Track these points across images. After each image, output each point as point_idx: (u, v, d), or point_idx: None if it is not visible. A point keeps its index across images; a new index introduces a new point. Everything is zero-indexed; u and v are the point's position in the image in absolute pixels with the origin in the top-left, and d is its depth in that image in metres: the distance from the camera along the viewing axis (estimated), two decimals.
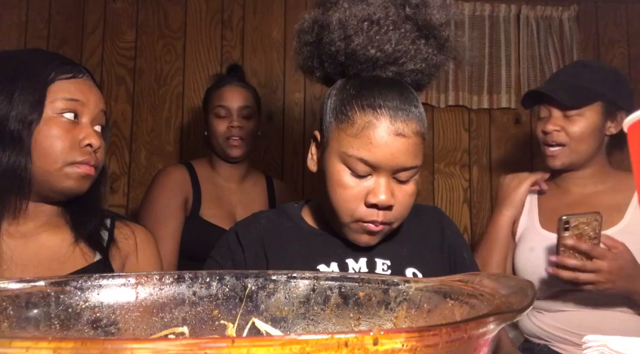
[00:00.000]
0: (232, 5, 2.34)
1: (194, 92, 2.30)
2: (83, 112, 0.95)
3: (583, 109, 1.39)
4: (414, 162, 0.87)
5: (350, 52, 0.89)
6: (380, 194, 0.85)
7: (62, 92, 0.93)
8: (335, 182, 0.88)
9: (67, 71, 0.95)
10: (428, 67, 0.94)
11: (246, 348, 0.23)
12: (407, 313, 0.46)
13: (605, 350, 0.62)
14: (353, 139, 0.86)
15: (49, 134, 0.90)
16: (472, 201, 2.34)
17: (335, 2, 0.91)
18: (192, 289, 0.49)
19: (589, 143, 1.40)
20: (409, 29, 0.89)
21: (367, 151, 0.84)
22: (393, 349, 0.25)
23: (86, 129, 0.94)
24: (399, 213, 0.89)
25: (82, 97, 0.95)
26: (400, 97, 0.87)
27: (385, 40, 0.88)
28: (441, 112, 2.38)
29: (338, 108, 0.90)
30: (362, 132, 0.85)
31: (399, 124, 0.85)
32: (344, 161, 0.87)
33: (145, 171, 2.25)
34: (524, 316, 1.36)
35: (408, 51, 0.89)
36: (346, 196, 0.87)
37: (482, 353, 0.30)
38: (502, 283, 0.39)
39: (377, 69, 0.91)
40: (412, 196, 0.90)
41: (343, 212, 0.89)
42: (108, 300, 0.46)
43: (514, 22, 2.38)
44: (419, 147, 0.88)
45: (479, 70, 2.36)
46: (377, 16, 0.88)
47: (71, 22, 2.27)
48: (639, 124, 0.42)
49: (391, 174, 0.87)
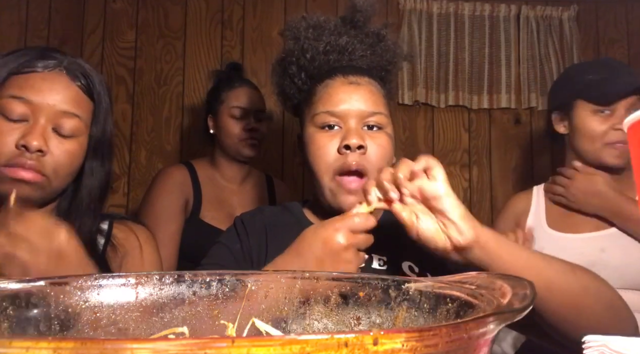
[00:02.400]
0: (232, 5, 2.34)
1: (194, 92, 2.30)
2: (35, 111, 0.87)
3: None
4: (374, 107, 0.94)
5: (307, 56, 1.00)
6: (350, 137, 0.90)
7: (12, 88, 0.87)
8: (312, 147, 0.95)
9: (30, 65, 0.88)
10: (375, 57, 1.03)
11: (246, 348, 0.23)
12: (407, 313, 0.46)
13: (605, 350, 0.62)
14: (317, 103, 0.96)
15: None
16: (472, 201, 2.34)
17: (291, 29, 1.04)
18: (192, 289, 0.49)
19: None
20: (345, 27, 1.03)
21: (329, 103, 0.94)
22: (393, 349, 0.25)
23: (29, 129, 0.86)
24: (374, 159, 0.92)
25: (33, 95, 0.86)
26: (352, 66, 0.99)
27: (328, 35, 1.01)
28: (441, 112, 2.38)
29: (306, 94, 1.01)
30: (322, 92, 0.96)
31: (352, 77, 0.96)
32: (314, 123, 0.95)
33: (145, 171, 2.25)
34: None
35: (350, 42, 1.01)
36: (322, 151, 0.93)
37: (482, 353, 0.30)
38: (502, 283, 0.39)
39: (332, 60, 1.00)
40: (385, 148, 0.94)
41: (322, 171, 0.93)
42: (108, 300, 0.46)
43: (514, 22, 2.38)
44: (377, 96, 0.97)
45: (479, 70, 2.36)
46: (320, 23, 1.03)
47: (71, 22, 2.27)
48: (639, 124, 0.42)
49: (359, 123, 0.93)
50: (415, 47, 2.33)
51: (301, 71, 1.03)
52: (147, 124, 2.27)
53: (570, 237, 1.37)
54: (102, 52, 2.28)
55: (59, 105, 0.89)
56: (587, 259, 1.30)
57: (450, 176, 2.35)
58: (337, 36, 1.01)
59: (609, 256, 1.29)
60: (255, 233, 0.99)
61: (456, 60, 2.35)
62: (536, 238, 1.42)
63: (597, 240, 1.32)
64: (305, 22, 1.03)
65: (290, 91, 1.06)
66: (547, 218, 1.45)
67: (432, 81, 2.34)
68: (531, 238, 1.35)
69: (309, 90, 1.01)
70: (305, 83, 1.04)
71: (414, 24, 2.34)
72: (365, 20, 1.03)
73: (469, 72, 2.35)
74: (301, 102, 1.04)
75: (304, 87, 1.04)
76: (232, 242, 0.99)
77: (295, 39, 1.03)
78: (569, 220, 1.41)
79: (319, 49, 1.00)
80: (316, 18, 1.04)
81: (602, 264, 1.29)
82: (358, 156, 0.90)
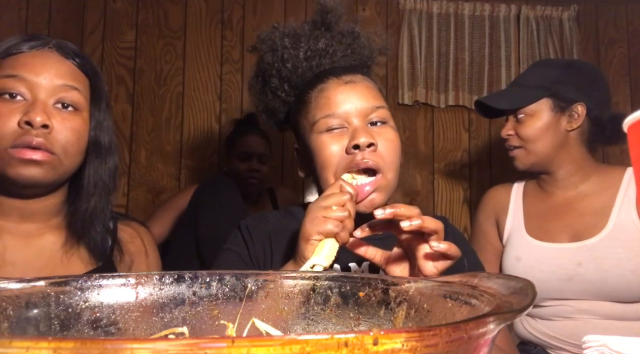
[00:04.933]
0: (232, 5, 2.34)
1: (194, 92, 2.30)
2: (33, 88, 0.84)
3: (529, 108, 1.36)
4: (375, 102, 0.93)
5: (288, 66, 0.99)
6: (359, 136, 0.88)
7: (4, 69, 0.84)
8: (319, 152, 0.92)
9: (18, 47, 0.85)
10: (355, 55, 1.03)
11: (246, 348, 0.23)
12: (407, 313, 0.46)
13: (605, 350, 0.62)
14: (315, 110, 0.93)
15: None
16: (472, 201, 2.34)
17: (265, 41, 1.02)
18: (192, 289, 0.49)
19: (544, 142, 1.36)
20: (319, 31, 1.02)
21: (328, 106, 0.92)
22: (393, 349, 0.25)
23: (32, 106, 0.83)
24: (385, 155, 0.90)
25: (26, 72, 0.84)
26: (342, 67, 0.99)
27: (305, 41, 0.99)
28: (441, 112, 2.38)
29: (299, 104, 0.98)
30: (319, 97, 0.94)
31: (345, 77, 0.94)
32: (318, 129, 0.92)
33: (145, 171, 2.25)
34: (517, 320, 1.36)
35: (329, 44, 1.00)
36: (329, 152, 0.90)
37: (482, 353, 0.30)
38: (502, 283, 0.39)
39: (315, 65, 0.99)
40: (393, 142, 0.93)
41: (331, 173, 0.91)
42: (108, 300, 0.46)
43: (514, 22, 2.38)
44: (375, 91, 0.95)
45: (479, 70, 2.36)
46: (295, 30, 1.02)
47: (71, 22, 2.27)
48: (639, 124, 0.42)
49: (363, 121, 0.91)
50: (415, 47, 2.33)
51: (284, 83, 1.01)
52: (147, 124, 2.27)
53: (547, 247, 1.35)
54: (102, 52, 2.28)
55: (56, 79, 0.86)
56: (564, 273, 1.30)
57: (450, 176, 2.36)
58: (315, 41, 0.99)
59: (585, 270, 1.27)
60: (260, 241, 0.98)
61: (456, 60, 2.35)
62: (514, 245, 1.41)
63: (573, 252, 1.30)
64: (279, 31, 1.01)
65: (275, 105, 1.04)
66: (526, 223, 1.43)
67: (432, 81, 2.34)
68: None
69: (300, 99, 0.98)
70: (289, 94, 1.01)
71: (414, 24, 2.34)
72: (337, 20, 1.02)
73: (469, 72, 2.35)
74: (291, 113, 1.02)
75: (289, 98, 1.02)
76: (241, 248, 0.97)
77: (272, 50, 1.00)
78: (546, 226, 1.39)
79: (299, 56, 0.98)
80: (289, 26, 1.02)
81: (579, 278, 1.28)
82: (369, 153, 0.88)
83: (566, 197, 1.41)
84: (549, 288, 1.31)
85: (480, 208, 1.55)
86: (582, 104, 1.35)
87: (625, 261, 1.24)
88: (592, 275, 1.27)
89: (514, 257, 1.39)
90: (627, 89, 2.42)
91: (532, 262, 1.35)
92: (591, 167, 1.40)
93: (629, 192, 1.32)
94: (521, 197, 1.48)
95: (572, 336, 1.28)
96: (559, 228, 1.37)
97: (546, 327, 1.35)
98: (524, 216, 1.44)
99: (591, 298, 1.28)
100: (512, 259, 1.39)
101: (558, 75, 1.37)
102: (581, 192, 1.39)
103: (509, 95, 1.41)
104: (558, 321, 1.33)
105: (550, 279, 1.31)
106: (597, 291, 1.27)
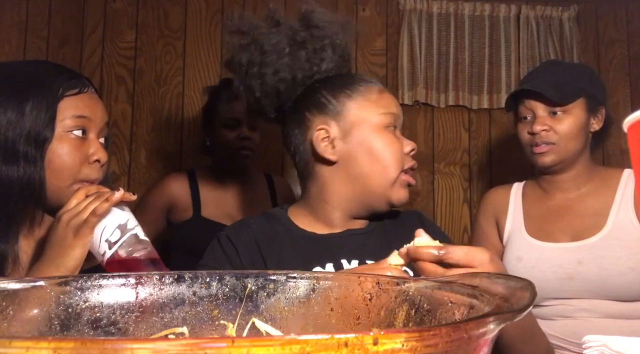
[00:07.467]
0: (232, 5, 2.34)
1: (194, 92, 2.30)
2: (90, 127, 0.95)
3: (569, 105, 1.36)
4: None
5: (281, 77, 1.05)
6: (410, 142, 1.02)
7: (70, 109, 0.93)
8: (381, 148, 0.98)
9: (74, 86, 0.95)
10: (344, 61, 1.10)
11: (246, 348, 0.23)
12: (407, 313, 0.46)
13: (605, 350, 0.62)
14: (374, 105, 1.01)
15: (61, 152, 0.91)
16: (472, 201, 2.34)
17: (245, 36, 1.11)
18: (192, 289, 0.49)
19: (577, 141, 1.37)
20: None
21: (387, 106, 1.02)
22: (393, 349, 0.25)
23: (94, 145, 0.95)
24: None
25: (89, 113, 0.95)
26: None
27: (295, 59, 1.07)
28: (441, 112, 2.38)
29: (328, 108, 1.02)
30: (378, 98, 1.02)
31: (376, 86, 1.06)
32: (381, 122, 0.99)
33: (145, 171, 2.25)
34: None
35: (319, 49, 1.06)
36: (394, 150, 0.99)
37: (482, 353, 0.30)
38: (502, 283, 0.39)
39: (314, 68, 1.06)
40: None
41: (393, 168, 0.98)
42: (108, 300, 0.46)
43: (514, 22, 2.38)
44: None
45: (479, 70, 2.36)
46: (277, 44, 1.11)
47: (71, 22, 2.27)
48: (639, 124, 0.42)
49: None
50: (415, 47, 2.33)
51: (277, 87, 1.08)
52: (147, 124, 2.27)
53: (547, 247, 1.36)
54: (102, 52, 2.28)
55: (105, 118, 0.99)
56: (565, 272, 1.31)
57: (450, 176, 2.36)
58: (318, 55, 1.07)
59: (586, 269, 1.28)
60: (246, 250, 0.96)
61: (456, 60, 2.35)
62: (515, 245, 1.41)
63: (573, 251, 1.32)
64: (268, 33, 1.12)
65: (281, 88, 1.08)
66: (526, 224, 1.43)
67: (432, 81, 2.34)
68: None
69: (329, 104, 1.02)
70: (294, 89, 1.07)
71: (414, 24, 2.34)
72: (322, 17, 1.08)
73: (469, 72, 2.35)
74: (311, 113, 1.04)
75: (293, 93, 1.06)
76: (220, 263, 0.95)
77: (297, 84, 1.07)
78: (546, 226, 1.40)
79: (299, 57, 1.06)
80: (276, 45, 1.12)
81: (579, 277, 1.29)
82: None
83: (566, 198, 1.42)
84: (550, 287, 1.32)
85: (480, 209, 1.56)
86: (604, 107, 1.40)
87: (625, 259, 1.25)
88: (593, 274, 1.28)
89: (515, 258, 1.39)
90: (627, 89, 2.41)
91: (533, 263, 1.36)
92: (592, 170, 1.42)
93: (626, 193, 1.35)
94: (521, 198, 1.49)
95: (573, 335, 1.29)
96: (559, 228, 1.38)
97: (547, 327, 1.35)
98: (523, 217, 1.45)
99: (592, 296, 1.29)
100: (513, 260, 1.39)
101: (589, 78, 1.40)
102: (582, 193, 1.41)
103: (555, 88, 1.37)
104: (559, 321, 1.33)
105: (551, 279, 1.32)
106: (598, 290, 1.28)
